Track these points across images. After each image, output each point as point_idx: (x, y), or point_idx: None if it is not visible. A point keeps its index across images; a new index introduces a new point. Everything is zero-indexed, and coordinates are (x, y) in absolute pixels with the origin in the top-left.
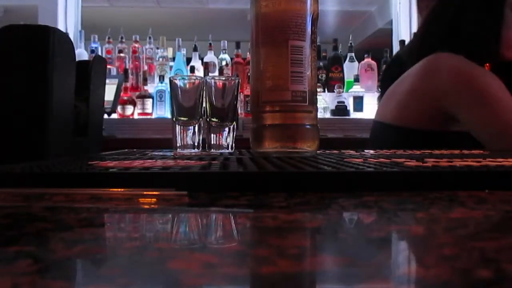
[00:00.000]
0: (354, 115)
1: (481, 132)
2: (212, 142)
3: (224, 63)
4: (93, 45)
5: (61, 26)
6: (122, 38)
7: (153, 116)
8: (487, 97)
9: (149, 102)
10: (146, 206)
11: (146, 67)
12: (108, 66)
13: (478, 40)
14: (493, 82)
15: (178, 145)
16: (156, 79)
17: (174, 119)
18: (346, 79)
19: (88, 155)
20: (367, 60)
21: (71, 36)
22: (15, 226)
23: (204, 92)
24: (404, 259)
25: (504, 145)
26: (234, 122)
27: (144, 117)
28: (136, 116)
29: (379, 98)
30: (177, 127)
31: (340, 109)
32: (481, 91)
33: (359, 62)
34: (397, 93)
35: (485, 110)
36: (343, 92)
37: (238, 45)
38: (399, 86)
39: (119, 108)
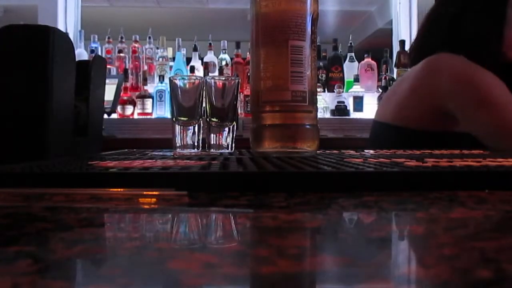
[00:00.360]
0: (354, 115)
1: (482, 133)
2: (212, 142)
3: (224, 63)
4: (93, 45)
5: (61, 26)
6: (122, 38)
7: (153, 116)
8: (488, 98)
9: (149, 102)
10: (146, 206)
11: (146, 67)
12: (108, 66)
13: (479, 41)
14: (494, 83)
15: (178, 145)
16: (156, 79)
17: (174, 119)
18: (346, 79)
19: (88, 155)
20: (367, 60)
21: (71, 36)
22: (15, 226)
23: (204, 92)
24: (404, 259)
25: (506, 145)
26: (234, 122)
27: (144, 117)
28: (136, 116)
29: (379, 98)
30: (177, 127)
31: (340, 109)
32: (482, 92)
33: (359, 62)
34: (398, 93)
35: (486, 111)
36: (343, 92)
37: (238, 45)
38: (400, 86)
39: (119, 108)
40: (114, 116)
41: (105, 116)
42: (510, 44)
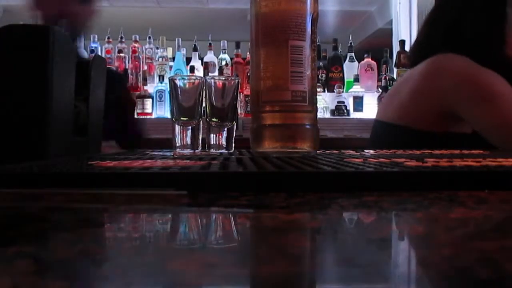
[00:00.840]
0: (354, 115)
1: (488, 132)
2: (212, 142)
3: (224, 63)
4: (93, 45)
5: None
6: (122, 38)
7: (153, 116)
8: (493, 96)
9: (148, 102)
10: (146, 206)
11: (145, 67)
12: (108, 66)
13: (480, 42)
14: (498, 82)
15: (178, 145)
16: (156, 79)
17: (174, 119)
18: (346, 79)
19: (88, 155)
20: (367, 60)
21: None
22: (15, 226)
23: (204, 92)
24: (404, 259)
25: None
26: (234, 122)
27: (144, 117)
28: (136, 116)
29: (379, 98)
30: (177, 127)
31: (340, 109)
32: (487, 91)
33: (359, 62)
34: (401, 93)
35: (491, 110)
36: (343, 92)
37: (238, 45)
38: (403, 86)
39: None
40: None
41: None
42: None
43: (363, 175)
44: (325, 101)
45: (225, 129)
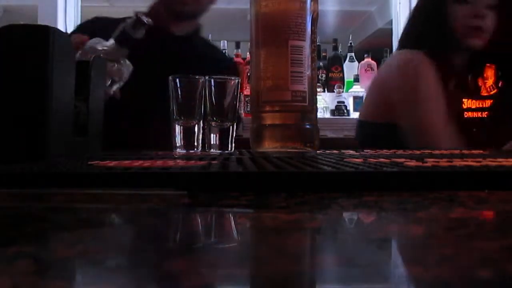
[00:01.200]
0: (354, 115)
1: (405, 125)
2: (212, 142)
3: None
4: None
5: (61, 26)
6: None
7: None
8: (421, 96)
9: None
10: (146, 206)
11: None
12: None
13: (431, 36)
14: (432, 85)
15: (178, 145)
16: None
17: (174, 119)
18: (346, 79)
19: (88, 155)
20: (367, 60)
21: None
22: (15, 226)
23: (204, 92)
24: (404, 259)
25: (422, 142)
26: (234, 122)
27: None
28: None
29: None
30: (177, 127)
31: (340, 109)
32: (417, 89)
33: (359, 62)
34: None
35: (415, 107)
36: (343, 92)
37: (238, 45)
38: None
39: None
40: None
41: None
42: (461, 32)
43: (363, 175)
44: (325, 101)
45: (225, 129)
